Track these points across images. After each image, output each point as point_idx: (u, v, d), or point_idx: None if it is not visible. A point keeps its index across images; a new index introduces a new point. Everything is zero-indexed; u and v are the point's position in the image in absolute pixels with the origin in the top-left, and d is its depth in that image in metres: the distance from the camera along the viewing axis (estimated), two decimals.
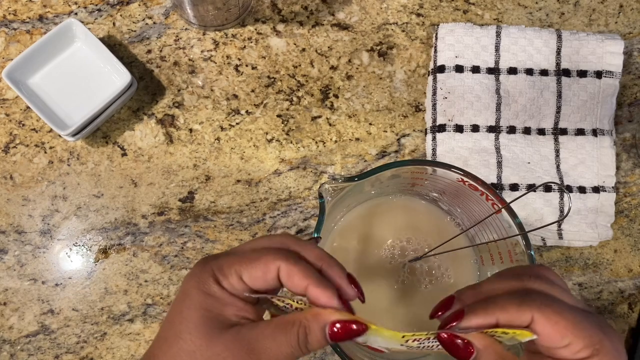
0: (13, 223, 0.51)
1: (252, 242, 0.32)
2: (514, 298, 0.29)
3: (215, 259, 0.30)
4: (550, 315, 0.27)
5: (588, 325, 0.27)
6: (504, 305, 0.28)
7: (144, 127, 0.53)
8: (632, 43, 0.57)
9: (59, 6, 0.54)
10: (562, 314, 0.28)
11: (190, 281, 0.30)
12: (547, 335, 0.28)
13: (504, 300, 0.29)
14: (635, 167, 0.56)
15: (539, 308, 0.28)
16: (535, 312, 0.28)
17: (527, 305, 0.28)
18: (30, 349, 0.50)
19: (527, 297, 0.29)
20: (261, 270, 0.29)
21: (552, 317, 0.27)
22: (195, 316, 0.29)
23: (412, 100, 0.55)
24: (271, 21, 0.55)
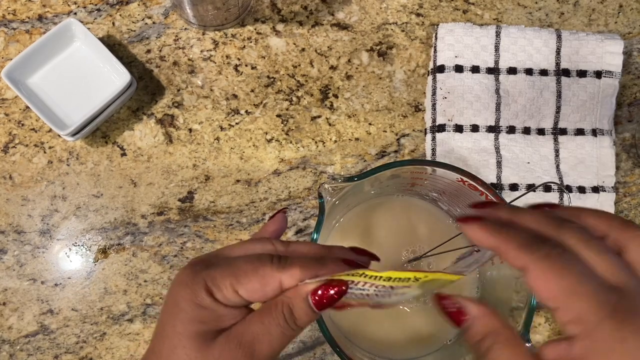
0: (12, 223, 0.51)
1: (240, 248, 0.31)
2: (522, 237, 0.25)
3: (206, 269, 0.29)
4: (545, 272, 0.24)
5: (590, 299, 0.23)
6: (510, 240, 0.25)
7: (144, 127, 0.53)
8: (631, 43, 0.57)
9: (58, 6, 0.54)
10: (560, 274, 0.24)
11: (180, 291, 0.29)
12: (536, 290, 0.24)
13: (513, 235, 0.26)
14: (634, 167, 0.56)
15: (538, 260, 0.24)
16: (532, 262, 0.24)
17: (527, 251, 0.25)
18: (29, 349, 0.50)
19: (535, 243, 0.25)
20: (259, 283, 0.28)
21: (546, 274, 0.24)
22: (189, 330, 0.28)
23: (411, 100, 0.55)
24: (271, 21, 0.55)
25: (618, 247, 0.25)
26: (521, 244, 0.25)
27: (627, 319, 0.22)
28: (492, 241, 0.26)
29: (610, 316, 0.22)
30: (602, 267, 0.24)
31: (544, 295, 0.24)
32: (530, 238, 0.25)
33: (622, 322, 0.22)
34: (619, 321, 0.22)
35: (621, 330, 0.22)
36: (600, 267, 0.24)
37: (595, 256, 0.24)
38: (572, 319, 0.23)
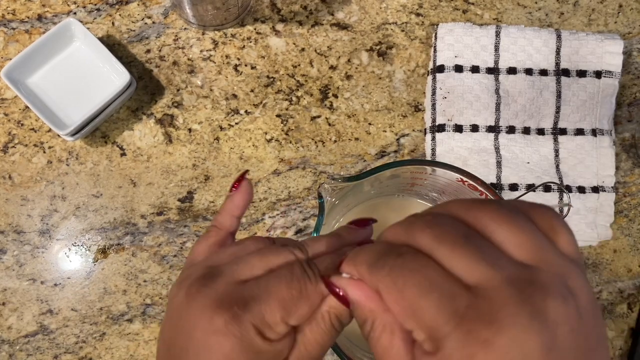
0: (12, 223, 0.51)
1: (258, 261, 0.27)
2: (370, 256, 0.23)
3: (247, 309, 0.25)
4: (390, 292, 0.21)
5: (434, 310, 0.20)
6: (362, 263, 0.23)
7: (143, 126, 0.53)
8: (631, 43, 0.57)
9: (57, 6, 0.54)
10: (402, 291, 0.21)
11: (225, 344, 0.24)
12: (394, 312, 0.22)
13: (363, 258, 0.23)
14: (634, 167, 0.56)
15: (382, 280, 0.22)
16: (380, 283, 0.22)
17: (374, 272, 0.22)
18: (29, 349, 0.50)
19: (380, 259, 0.22)
20: (308, 306, 0.26)
21: (392, 294, 0.21)
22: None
23: (411, 100, 0.55)
24: (270, 21, 0.55)
25: (486, 230, 0.21)
26: (371, 264, 0.23)
27: (474, 329, 0.19)
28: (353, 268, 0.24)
29: (458, 327, 0.19)
30: (458, 264, 0.20)
31: (398, 317, 0.21)
32: (380, 252, 0.23)
33: (469, 333, 0.19)
34: (466, 332, 0.19)
35: (468, 345, 0.19)
36: (456, 266, 0.20)
37: (450, 254, 0.21)
38: (424, 339, 0.20)
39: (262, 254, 0.28)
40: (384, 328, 0.23)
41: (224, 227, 0.32)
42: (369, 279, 0.23)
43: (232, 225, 0.32)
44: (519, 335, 0.18)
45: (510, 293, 0.19)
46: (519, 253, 0.20)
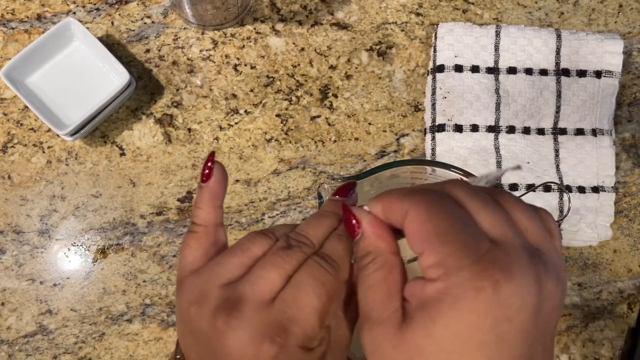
0: (11, 223, 0.51)
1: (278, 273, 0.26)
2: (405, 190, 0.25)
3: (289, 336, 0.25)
4: (419, 213, 0.23)
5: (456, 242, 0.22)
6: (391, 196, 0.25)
7: (143, 126, 0.53)
8: (631, 43, 0.57)
9: (57, 5, 0.54)
10: (432, 217, 0.23)
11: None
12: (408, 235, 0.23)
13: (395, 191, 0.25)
14: (634, 167, 0.56)
15: (415, 202, 0.23)
16: (411, 205, 0.23)
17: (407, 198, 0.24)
18: (28, 349, 0.50)
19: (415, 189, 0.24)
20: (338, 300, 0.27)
21: (420, 216, 0.23)
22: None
23: (411, 100, 0.55)
24: (270, 20, 0.55)
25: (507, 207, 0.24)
26: (403, 193, 0.25)
27: (488, 269, 0.21)
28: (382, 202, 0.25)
29: (473, 264, 0.21)
30: (486, 219, 0.23)
31: (413, 237, 0.23)
32: (415, 188, 0.25)
33: (484, 271, 0.21)
34: (480, 270, 0.21)
35: (480, 280, 0.21)
36: (484, 219, 0.23)
37: (480, 208, 0.23)
38: (433, 263, 0.22)
39: (276, 264, 0.27)
40: (384, 264, 0.25)
41: (209, 222, 0.30)
42: (398, 203, 0.24)
43: (217, 217, 0.30)
44: (523, 288, 0.21)
45: (524, 255, 0.22)
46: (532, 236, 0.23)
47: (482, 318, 0.21)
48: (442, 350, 0.21)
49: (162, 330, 0.51)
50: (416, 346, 0.22)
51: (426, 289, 0.22)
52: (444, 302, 0.21)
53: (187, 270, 0.29)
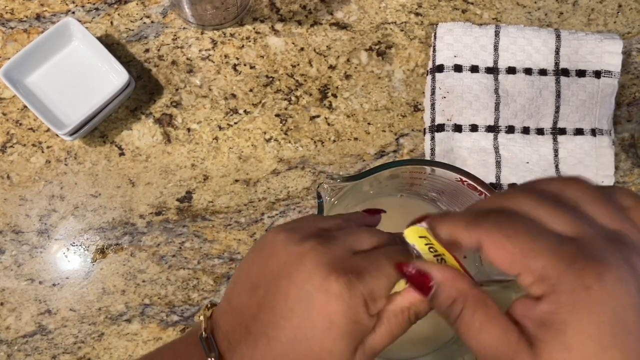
0: (10, 223, 0.51)
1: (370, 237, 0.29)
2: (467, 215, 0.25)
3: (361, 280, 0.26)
4: (498, 240, 0.23)
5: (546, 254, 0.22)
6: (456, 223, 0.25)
7: (142, 126, 0.53)
8: (630, 43, 0.57)
9: (56, 5, 0.54)
10: (513, 239, 0.23)
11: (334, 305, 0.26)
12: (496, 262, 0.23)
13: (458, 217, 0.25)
14: (634, 167, 0.56)
15: (487, 230, 0.24)
16: (483, 234, 0.24)
17: (475, 226, 0.24)
18: (27, 349, 0.50)
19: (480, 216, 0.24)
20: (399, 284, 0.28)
21: (500, 242, 0.23)
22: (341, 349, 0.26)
23: (410, 100, 0.55)
24: (269, 20, 0.55)
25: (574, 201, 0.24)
26: (468, 221, 0.25)
27: (587, 266, 0.21)
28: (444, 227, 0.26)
29: (570, 267, 0.21)
30: (557, 222, 0.23)
31: (503, 265, 0.23)
32: (476, 213, 0.25)
33: (583, 269, 0.21)
34: (579, 269, 0.21)
35: (583, 278, 0.21)
36: (556, 223, 0.23)
37: (548, 214, 0.23)
38: (534, 280, 0.22)
39: (369, 230, 0.30)
40: (478, 303, 0.24)
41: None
42: (467, 234, 0.24)
43: None
44: (622, 274, 0.21)
45: (606, 244, 0.22)
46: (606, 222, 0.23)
47: (602, 314, 0.21)
48: (583, 356, 0.21)
49: (162, 330, 0.51)
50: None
51: (539, 308, 0.22)
52: (562, 313, 0.21)
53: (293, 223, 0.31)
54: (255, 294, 0.28)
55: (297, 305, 0.27)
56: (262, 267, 0.29)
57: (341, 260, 0.27)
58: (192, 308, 0.51)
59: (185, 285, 0.51)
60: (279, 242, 0.28)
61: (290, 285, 0.27)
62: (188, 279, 0.51)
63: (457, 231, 0.25)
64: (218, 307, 0.31)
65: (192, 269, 0.51)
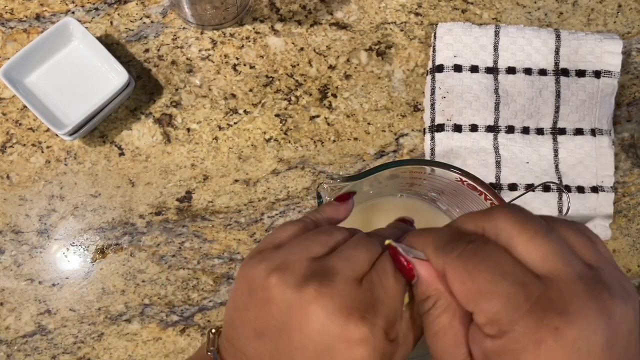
0: (10, 223, 0.51)
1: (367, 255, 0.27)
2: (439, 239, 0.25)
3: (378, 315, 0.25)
4: (458, 273, 0.23)
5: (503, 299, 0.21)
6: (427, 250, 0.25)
7: (142, 126, 0.53)
8: (630, 43, 0.57)
9: (56, 5, 0.54)
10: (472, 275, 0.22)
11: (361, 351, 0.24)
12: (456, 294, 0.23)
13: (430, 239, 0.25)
14: (633, 167, 0.56)
15: (451, 261, 0.23)
16: (447, 264, 0.23)
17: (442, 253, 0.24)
18: (27, 349, 0.50)
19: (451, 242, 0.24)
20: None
21: (460, 276, 0.23)
22: None
23: (410, 100, 0.55)
24: (269, 20, 0.55)
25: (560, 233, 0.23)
26: (438, 246, 0.24)
27: (546, 316, 0.20)
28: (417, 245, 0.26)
29: (526, 315, 0.20)
30: (537, 252, 0.22)
31: (459, 298, 0.23)
32: (449, 236, 0.24)
33: (541, 320, 0.20)
34: (536, 319, 0.20)
35: (538, 331, 0.20)
36: (536, 253, 0.22)
37: (532, 239, 0.22)
38: (485, 322, 0.21)
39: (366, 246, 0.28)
40: (447, 308, 0.24)
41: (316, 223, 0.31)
42: (434, 260, 0.24)
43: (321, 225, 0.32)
44: (587, 328, 0.19)
45: (581, 288, 0.20)
46: (586, 255, 0.22)
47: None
48: None
49: (161, 330, 0.51)
50: None
51: (486, 344, 0.22)
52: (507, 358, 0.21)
53: (271, 243, 0.29)
54: (263, 344, 0.27)
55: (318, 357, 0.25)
56: (260, 314, 0.26)
57: (351, 300, 0.25)
58: (192, 308, 0.51)
59: (185, 285, 0.51)
60: (273, 287, 0.26)
61: (303, 338, 0.25)
62: (188, 279, 0.51)
63: (426, 253, 0.25)
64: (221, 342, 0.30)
65: (191, 269, 0.51)
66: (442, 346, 0.24)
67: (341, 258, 0.27)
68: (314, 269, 0.26)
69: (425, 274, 0.25)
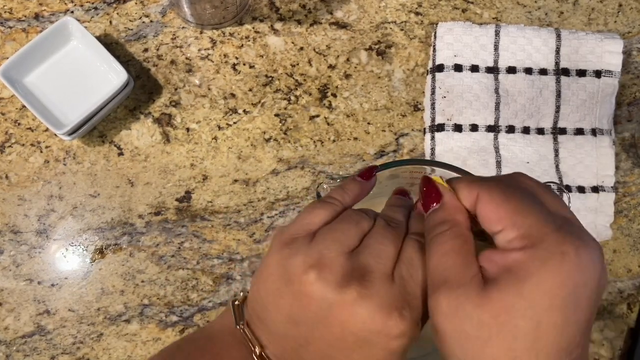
0: (9, 223, 0.51)
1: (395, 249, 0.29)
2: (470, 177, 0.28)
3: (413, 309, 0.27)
4: (494, 196, 0.26)
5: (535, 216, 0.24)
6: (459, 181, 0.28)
7: (141, 126, 0.53)
8: (631, 42, 0.57)
9: (55, 4, 0.54)
10: (509, 198, 0.25)
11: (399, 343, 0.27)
12: (484, 216, 0.26)
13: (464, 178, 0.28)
14: (634, 166, 0.55)
15: (488, 187, 0.26)
16: (482, 190, 0.26)
17: (477, 183, 0.27)
18: (26, 349, 0.50)
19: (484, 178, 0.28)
20: None
21: (495, 199, 0.25)
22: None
23: (410, 100, 0.55)
24: (269, 20, 0.55)
25: None
26: (473, 179, 0.28)
27: (568, 237, 0.24)
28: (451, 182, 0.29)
29: (554, 232, 0.24)
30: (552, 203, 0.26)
31: (491, 218, 0.25)
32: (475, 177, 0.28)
33: (565, 238, 0.23)
34: (561, 237, 0.23)
35: (563, 244, 0.23)
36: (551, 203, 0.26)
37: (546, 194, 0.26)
38: (517, 236, 0.24)
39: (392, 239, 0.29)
40: (460, 235, 0.26)
41: (345, 205, 0.32)
42: (468, 188, 0.27)
43: (351, 205, 0.33)
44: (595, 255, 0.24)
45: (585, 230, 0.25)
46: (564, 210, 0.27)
47: (566, 279, 0.23)
48: (531, 306, 0.23)
49: (161, 330, 0.51)
50: (504, 304, 0.23)
51: (511, 256, 0.24)
52: (532, 264, 0.23)
53: (304, 229, 0.30)
54: (298, 329, 0.28)
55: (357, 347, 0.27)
56: (297, 304, 0.28)
57: (389, 298, 0.27)
58: (192, 308, 0.51)
59: (184, 285, 0.51)
60: (313, 284, 0.27)
61: (345, 332, 0.27)
62: (187, 279, 0.51)
63: (459, 186, 0.28)
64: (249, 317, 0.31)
65: (191, 269, 0.51)
66: (452, 264, 0.26)
67: (372, 255, 0.28)
68: (351, 267, 0.27)
69: (451, 202, 0.28)
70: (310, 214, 0.31)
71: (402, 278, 0.28)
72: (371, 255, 0.28)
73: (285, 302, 0.28)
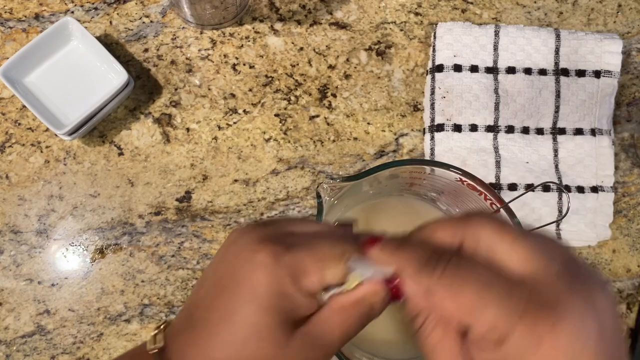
0: (9, 223, 0.51)
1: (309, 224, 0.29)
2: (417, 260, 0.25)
3: (289, 252, 0.26)
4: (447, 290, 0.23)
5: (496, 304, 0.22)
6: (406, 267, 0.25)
7: (141, 126, 0.53)
8: (630, 42, 0.57)
9: (55, 4, 0.54)
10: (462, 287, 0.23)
11: (259, 275, 0.25)
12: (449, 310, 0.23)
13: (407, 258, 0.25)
14: (633, 166, 0.56)
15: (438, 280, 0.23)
16: (434, 284, 0.24)
17: (425, 274, 0.24)
18: (26, 349, 0.50)
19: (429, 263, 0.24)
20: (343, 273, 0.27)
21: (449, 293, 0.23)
22: (266, 321, 0.25)
23: (410, 100, 0.55)
24: (269, 20, 0.55)
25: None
26: (418, 268, 0.24)
27: (539, 318, 0.21)
28: (394, 261, 0.26)
29: (521, 319, 0.21)
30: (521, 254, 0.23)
31: (455, 314, 0.23)
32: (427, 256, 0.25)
33: (536, 320, 0.21)
34: (531, 323, 0.21)
35: (534, 333, 0.21)
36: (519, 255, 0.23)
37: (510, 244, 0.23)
38: (486, 330, 0.22)
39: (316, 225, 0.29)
40: (437, 324, 0.25)
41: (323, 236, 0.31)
42: (417, 281, 0.24)
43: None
44: (579, 319, 0.21)
45: (564, 283, 0.21)
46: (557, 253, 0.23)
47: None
48: None
49: None
50: None
51: (487, 357, 0.23)
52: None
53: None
54: (202, 286, 0.28)
55: (229, 282, 0.26)
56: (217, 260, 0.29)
57: (271, 235, 0.26)
58: None
59: (184, 285, 0.51)
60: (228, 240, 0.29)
61: (231, 268, 0.26)
62: (187, 279, 0.51)
63: (406, 275, 0.25)
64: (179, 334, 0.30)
65: (191, 269, 0.51)
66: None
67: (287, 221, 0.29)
68: (261, 222, 0.28)
69: (414, 291, 0.25)
70: None
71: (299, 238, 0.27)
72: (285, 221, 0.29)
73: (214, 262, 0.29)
